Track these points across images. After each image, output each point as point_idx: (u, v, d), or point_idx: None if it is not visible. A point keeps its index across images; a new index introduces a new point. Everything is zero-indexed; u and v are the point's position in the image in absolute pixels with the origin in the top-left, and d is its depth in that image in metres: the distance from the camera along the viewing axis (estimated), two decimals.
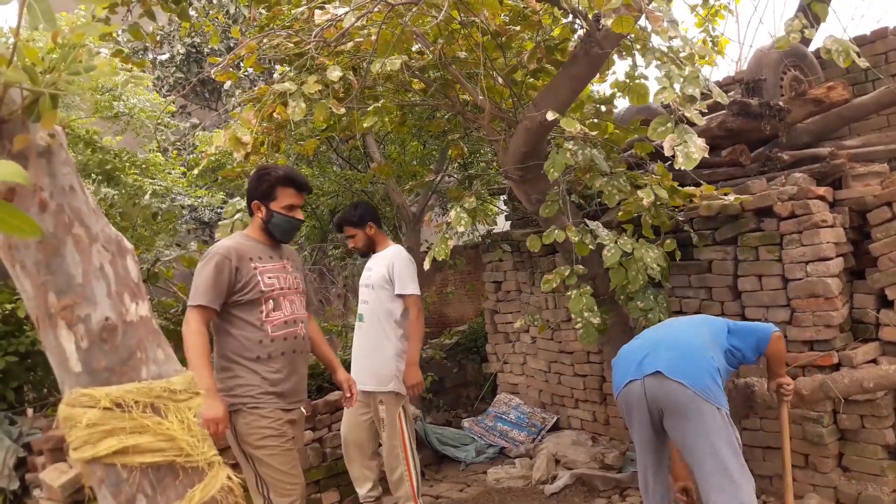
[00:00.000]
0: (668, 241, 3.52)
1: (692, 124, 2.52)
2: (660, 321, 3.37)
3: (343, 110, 3.02)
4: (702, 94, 2.55)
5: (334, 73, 2.87)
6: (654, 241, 3.42)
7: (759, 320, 3.63)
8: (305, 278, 2.91)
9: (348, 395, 2.95)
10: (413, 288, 3.44)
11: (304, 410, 2.76)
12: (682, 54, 2.52)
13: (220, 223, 3.74)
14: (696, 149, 2.43)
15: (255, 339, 2.54)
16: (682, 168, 2.44)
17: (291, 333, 2.62)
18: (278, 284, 2.61)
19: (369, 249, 3.61)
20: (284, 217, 2.67)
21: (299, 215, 2.71)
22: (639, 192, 3.17)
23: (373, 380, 3.42)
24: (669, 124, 2.50)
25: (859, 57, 2.93)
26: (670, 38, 2.53)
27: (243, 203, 3.92)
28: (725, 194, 3.49)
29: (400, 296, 3.45)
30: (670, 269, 3.51)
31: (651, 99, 3.00)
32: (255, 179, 2.71)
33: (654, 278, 3.31)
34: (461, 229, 3.38)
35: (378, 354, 3.44)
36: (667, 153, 2.46)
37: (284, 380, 2.58)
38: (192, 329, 2.44)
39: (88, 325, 1.12)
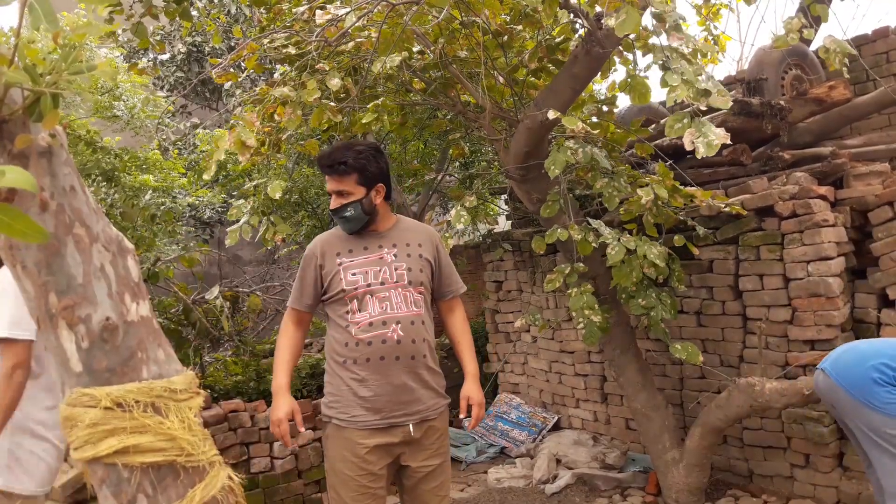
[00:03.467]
0: (676, 237, 3.50)
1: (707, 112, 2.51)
2: (664, 320, 3.38)
3: (341, 118, 3.01)
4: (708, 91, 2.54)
5: (333, 82, 2.86)
6: (656, 238, 3.41)
7: (759, 320, 3.64)
8: (438, 260, 2.47)
9: (462, 415, 2.44)
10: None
11: (411, 430, 2.28)
12: (686, 51, 2.51)
13: (228, 230, 3.66)
14: (716, 136, 2.41)
15: (342, 340, 2.30)
16: (705, 156, 2.42)
17: (379, 337, 2.24)
18: (363, 281, 2.28)
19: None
20: (331, 208, 2.36)
21: (333, 202, 2.34)
22: (639, 190, 3.16)
23: None
24: (686, 120, 2.48)
25: (855, 60, 2.93)
26: (678, 39, 2.52)
27: (247, 205, 3.90)
28: (721, 201, 3.48)
29: None
30: (673, 270, 3.50)
31: (656, 98, 2.99)
32: None
33: (656, 277, 3.30)
34: (460, 226, 3.36)
35: None
36: (688, 147, 2.44)
37: (372, 390, 2.24)
38: (280, 329, 2.43)
39: (89, 325, 1.12)
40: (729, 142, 2.45)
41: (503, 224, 6.37)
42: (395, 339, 2.26)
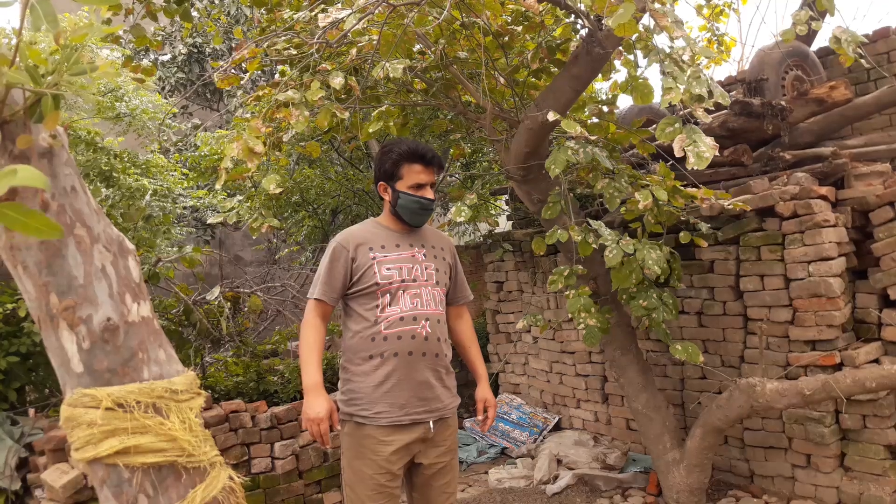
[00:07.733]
0: (681, 233, 3.49)
1: (698, 123, 2.50)
2: (664, 320, 3.37)
3: (347, 114, 3.00)
4: (708, 92, 2.52)
5: (336, 80, 2.86)
6: (659, 235, 3.40)
7: (760, 320, 3.64)
8: (455, 266, 2.57)
9: (481, 417, 2.53)
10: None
11: (431, 427, 2.31)
12: (684, 56, 2.49)
13: (215, 213, 3.67)
14: (707, 148, 2.39)
15: (367, 335, 2.29)
16: (695, 168, 2.40)
17: (409, 332, 2.28)
18: (398, 277, 2.31)
19: None
20: (412, 198, 2.36)
21: (429, 194, 2.39)
22: (636, 194, 3.15)
23: None
24: (677, 125, 2.47)
25: (863, 50, 2.89)
26: (674, 38, 2.50)
27: (246, 203, 3.91)
28: (724, 199, 3.46)
29: None
30: (673, 269, 3.49)
31: (658, 99, 2.97)
32: (379, 158, 2.46)
33: (654, 277, 3.30)
34: (460, 219, 3.36)
35: None
36: (677, 154, 2.43)
37: (397, 385, 2.26)
38: (305, 322, 2.34)
39: (90, 325, 1.13)
40: (718, 153, 2.43)
41: (504, 224, 6.37)
42: (424, 335, 2.30)
